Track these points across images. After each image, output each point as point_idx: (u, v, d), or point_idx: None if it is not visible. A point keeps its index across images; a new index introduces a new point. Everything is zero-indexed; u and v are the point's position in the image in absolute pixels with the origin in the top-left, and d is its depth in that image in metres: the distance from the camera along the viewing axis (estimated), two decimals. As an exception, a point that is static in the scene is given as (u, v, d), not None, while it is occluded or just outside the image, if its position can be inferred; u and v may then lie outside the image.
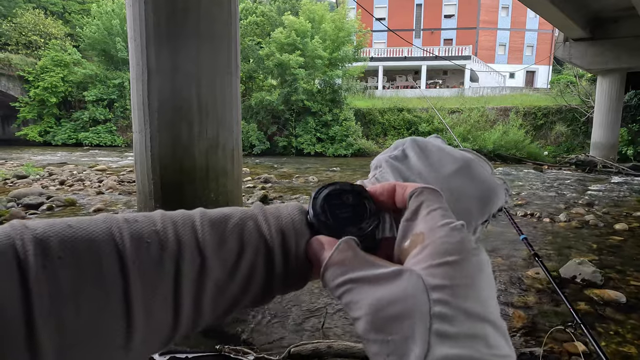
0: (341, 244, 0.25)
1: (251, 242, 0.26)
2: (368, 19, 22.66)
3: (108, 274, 0.22)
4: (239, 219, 0.27)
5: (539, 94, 20.90)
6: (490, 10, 29.66)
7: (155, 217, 0.25)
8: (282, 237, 0.27)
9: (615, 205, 6.72)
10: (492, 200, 0.34)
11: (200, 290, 0.24)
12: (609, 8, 10.59)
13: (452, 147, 0.36)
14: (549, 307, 2.87)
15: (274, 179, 9.10)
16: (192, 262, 0.24)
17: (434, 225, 0.24)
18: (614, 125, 13.03)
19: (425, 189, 0.27)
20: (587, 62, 12.49)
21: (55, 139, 21.54)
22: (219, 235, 0.26)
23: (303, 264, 0.27)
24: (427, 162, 0.34)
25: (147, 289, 0.22)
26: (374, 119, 18.97)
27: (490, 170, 0.36)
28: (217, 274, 0.25)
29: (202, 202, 2.90)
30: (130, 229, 0.24)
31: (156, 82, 2.72)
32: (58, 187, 7.59)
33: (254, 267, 0.26)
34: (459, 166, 0.33)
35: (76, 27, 25.16)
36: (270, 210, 0.28)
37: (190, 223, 0.26)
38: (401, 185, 0.28)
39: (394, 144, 0.37)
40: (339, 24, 18.40)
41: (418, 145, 0.35)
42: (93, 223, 0.23)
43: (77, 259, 0.21)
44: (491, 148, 15.35)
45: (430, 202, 0.26)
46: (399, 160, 0.35)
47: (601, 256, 4.01)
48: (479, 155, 0.37)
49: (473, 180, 0.33)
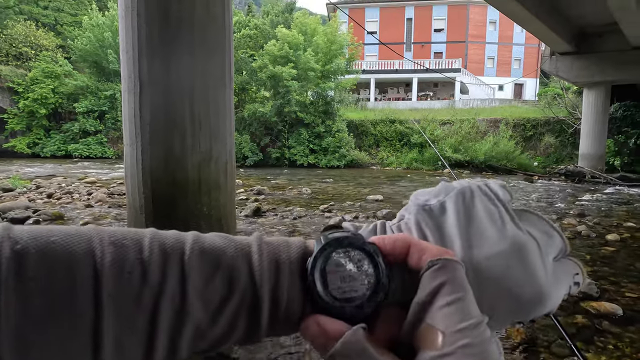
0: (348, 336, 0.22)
1: (240, 287, 0.24)
2: (360, 32, 23.03)
3: (81, 303, 0.21)
4: (231, 257, 0.25)
5: (528, 106, 21.34)
6: (479, 25, 30.43)
7: (144, 242, 0.24)
8: (274, 285, 0.24)
9: (606, 215, 6.79)
10: (535, 306, 0.26)
11: (179, 330, 0.23)
12: (593, 23, 10.93)
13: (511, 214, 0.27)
14: (547, 320, 2.84)
15: (267, 190, 9.04)
16: (173, 299, 0.23)
17: (454, 327, 0.21)
18: (601, 137, 13.30)
19: (448, 263, 0.23)
20: (573, 75, 12.81)
21: (44, 151, 21.23)
22: (207, 273, 0.24)
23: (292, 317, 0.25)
24: (466, 230, 0.27)
25: (121, 323, 0.21)
26: (366, 130, 19.11)
27: (558, 256, 0.28)
28: (198, 316, 0.23)
29: (195, 216, 2.84)
30: (114, 254, 0.22)
31: (148, 94, 2.68)
32: (45, 201, 7.42)
33: (238, 314, 0.24)
34: (501, 250, 0.26)
35: (68, 39, 25.11)
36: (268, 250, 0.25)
37: (179, 254, 0.24)
38: (418, 246, 0.25)
39: (439, 186, 0.29)
40: (331, 37, 18.67)
41: (464, 201, 0.28)
42: (77, 242, 0.22)
43: (52, 282, 0.20)
44: (482, 159, 15.53)
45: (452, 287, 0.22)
46: (433, 215, 0.28)
47: (595, 267, 4.01)
48: (551, 231, 0.28)
49: (515, 274, 0.26)
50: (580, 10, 9.99)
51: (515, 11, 8.78)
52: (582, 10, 9.95)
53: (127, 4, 2.66)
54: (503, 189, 0.29)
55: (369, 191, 9.33)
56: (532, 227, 0.28)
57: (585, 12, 10.00)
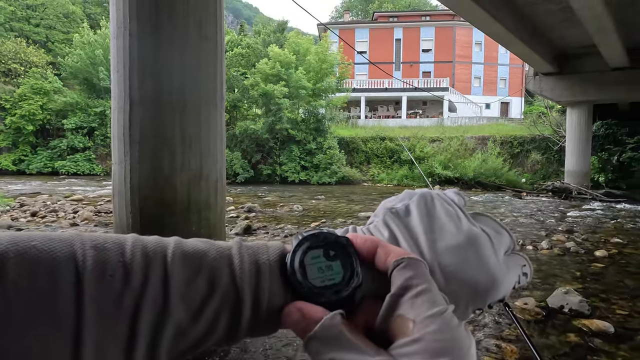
0: (326, 321, 0.24)
1: (221, 287, 0.25)
2: (350, 52, 23.55)
3: (62, 307, 0.20)
4: (212, 259, 0.25)
5: (514, 124, 21.86)
6: (465, 46, 31.42)
7: (126, 246, 0.24)
8: (255, 286, 0.25)
9: (593, 231, 6.89)
10: (489, 292, 0.29)
11: (159, 330, 0.23)
12: (572, 45, 11.38)
13: (466, 215, 0.31)
14: (540, 339, 2.82)
15: (258, 207, 8.96)
16: (154, 301, 0.23)
17: (423, 314, 0.23)
18: (585, 154, 13.64)
19: (410, 261, 0.26)
20: (556, 95, 13.22)
21: (30, 168, 20.83)
22: (189, 274, 0.24)
23: (273, 315, 0.26)
24: (429, 228, 0.30)
25: (102, 325, 0.21)
26: (357, 147, 19.28)
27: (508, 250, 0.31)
28: (179, 316, 0.23)
29: (184, 235, 2.75)
30: (95, 257, 0.22)
31: (138, 113, 2.67)
32: (29, 219, 7.22)
33: (219, 314, 0.24)
34: (458, 242, 0.29)
35: (59, 56, 25.10)
36: (249, 253, 0.27)
37: (161, 257, 0.24)
38: (384, 248, 0.27)
39: (404, 193, 0.34)
40: (322, 56, 19.04)
41: (426, 204, 0.31)
42: (58, 246, 0.22)
43: (33, 286, 0.20)
44: (472, 176, 15.73)
45: (418, 280, 0.25)
46: (399, 216, 0.31)
47: (585, 284, 4.03)
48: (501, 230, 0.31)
49: (472, 263, 0.29)
50: (561, 33, 10.41)
51: (499, 33, 9.10)
52: (563, 33, 10.37)
53: (119, 24, 2.68)
54: (458, 195, 0.33)
55: (361, 208, 9.33)
56: (485, 225, 0.31)
57: (565, 34, 10.42)
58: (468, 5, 7.48)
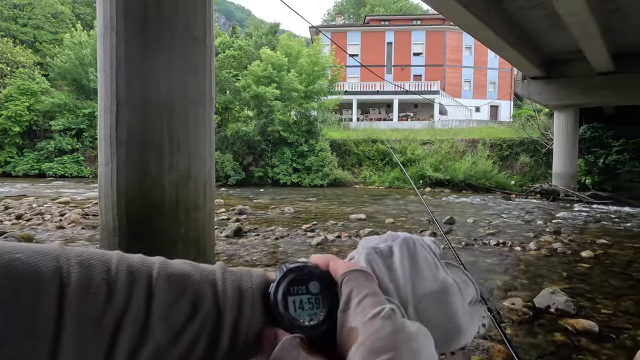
0: (285, 342, 0.25)
1: (204, 311, 0.25)
2: (342, 55, 23.65)
3: (43, 321, 0.21)
4: (197, 282, 0.26)
5: (503, 127, 22.18)
6: (455, 50, 31.82)
7: (111, 264, 0.24)
8: (237, 312, 0.26)
9: (580, 233, 7.01)
10: (453, 340, 0.31)
11: (138, 350, 0.23)
12: (559, 50, 11.61)
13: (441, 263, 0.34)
14: (527, 339, 2.85)
15: (249, 210, 8.92)
16: (136, 320, 0.23)
17: (365, 318, 0.24)
18: (572, 157, 13.90)
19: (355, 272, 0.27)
20: (544, 99, 13.46)
21: (16, 170, 20.42)
22: (173, 296, 0.25)
23: (252, 343, 0.26)
24: (410, 270, 0.31)
25: (81, 341, 0.21)
26: (349, 149, 19.33)
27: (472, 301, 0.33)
28: (159, 337, 0.23)
29: (171, 237, 2.75)
30: (79, 274, 0.22)
31: (125, 113, 2.63)
32: (14, 222, 7.07)
33: (199, 337, 0.25)
34: (433, 290, 0.31)
35: (47, 56, 24.70)
36: (232, 278, 0.27)
37: (146, 276, 0.24)
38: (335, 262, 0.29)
39: (387, 234, 0.35)
40: (314, 58, 19.07)
41: (408, 249, 0.33)
42: (43, 260, 0.22)
43: (15, 299, 0.20)
44: (462, 178, 15.89)
45: (360, 287, 0.26)
46: (382, 256, 0.32)
47: (571, 284, 4.10)
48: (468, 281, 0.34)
49: (443, 311, 0.31)
50: (548, 38, 10.61)
51: (489, 38, 9.25)
52: (550, 38, 10.58)
53: (105, 24, 2.65)
54: (434, 244, 0.35)
55: (352, 210, 9.35)
56: (455, 275, 0.33)
57: (552, 39, 10.63)
58: (458, 10, 7.59)
